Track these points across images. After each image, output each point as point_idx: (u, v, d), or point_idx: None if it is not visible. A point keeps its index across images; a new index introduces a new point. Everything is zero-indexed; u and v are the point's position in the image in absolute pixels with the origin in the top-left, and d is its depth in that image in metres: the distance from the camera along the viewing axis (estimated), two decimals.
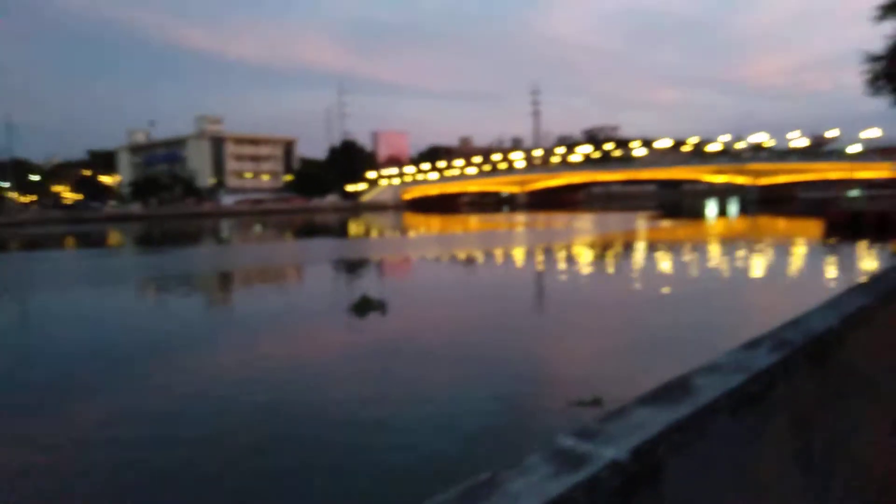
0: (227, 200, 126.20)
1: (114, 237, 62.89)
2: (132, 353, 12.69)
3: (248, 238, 58.17)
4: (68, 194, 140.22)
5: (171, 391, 9.91)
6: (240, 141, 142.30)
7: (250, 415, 8.71)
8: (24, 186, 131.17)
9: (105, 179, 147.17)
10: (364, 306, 16.40)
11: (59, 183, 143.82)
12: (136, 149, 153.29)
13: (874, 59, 18.48)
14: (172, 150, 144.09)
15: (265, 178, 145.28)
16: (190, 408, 9.08)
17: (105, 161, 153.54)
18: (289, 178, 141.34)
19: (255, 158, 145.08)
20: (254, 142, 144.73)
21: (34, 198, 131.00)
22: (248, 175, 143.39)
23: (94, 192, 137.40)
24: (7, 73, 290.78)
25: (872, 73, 18.41)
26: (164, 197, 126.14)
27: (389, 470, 6.87)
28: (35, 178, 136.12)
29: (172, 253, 41.20)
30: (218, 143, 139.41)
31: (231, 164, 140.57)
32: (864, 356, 2.77)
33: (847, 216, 38.61)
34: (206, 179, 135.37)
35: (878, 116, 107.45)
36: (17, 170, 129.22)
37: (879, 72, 18.38)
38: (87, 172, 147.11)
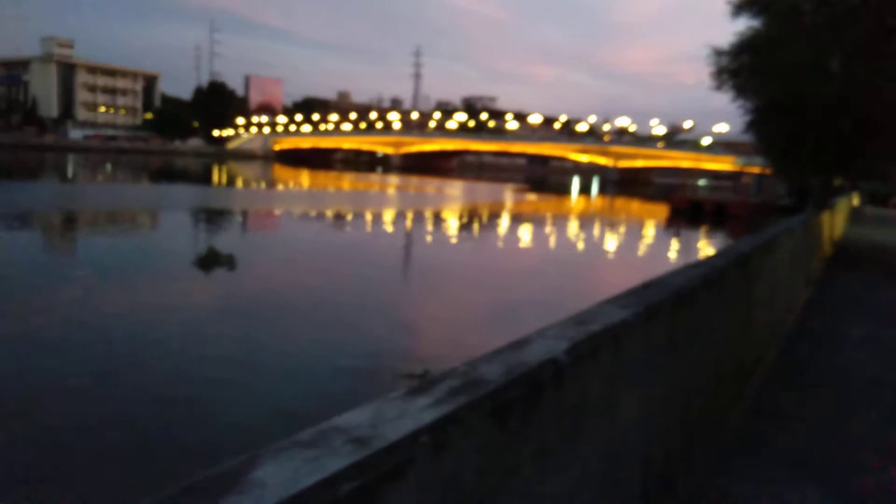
0: (76, 134, 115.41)
1: None
2: None
3: (94, 178, 53.48)
4: None
5: None
6: (93, 70, 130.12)
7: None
8: None
9: None
10: (210, 260, 15.40)
11: None
12: None
13: (719, 53, 19.58)
14: (13, 71, 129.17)
15: (121, 113, 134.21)
16: None
17: None
18: (148, 116, 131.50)
19: (111, 91, 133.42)
20: (110, 72, 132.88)
21: None
22: (102, 109, 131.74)
23: None
24: None
25: (717, 67, 19.54)
26: None
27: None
28: None
29: (2, 188, 36.94)
30: (67, 69, 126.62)
31: (82, 95, 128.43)
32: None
33: (688, 203, 41.54)
34: (52, 109, 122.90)
35: (728, 113, 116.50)
36: None
37: (724, 66, 19.53)
38: None
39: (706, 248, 25.67)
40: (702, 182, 58.87)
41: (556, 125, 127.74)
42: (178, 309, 11.33)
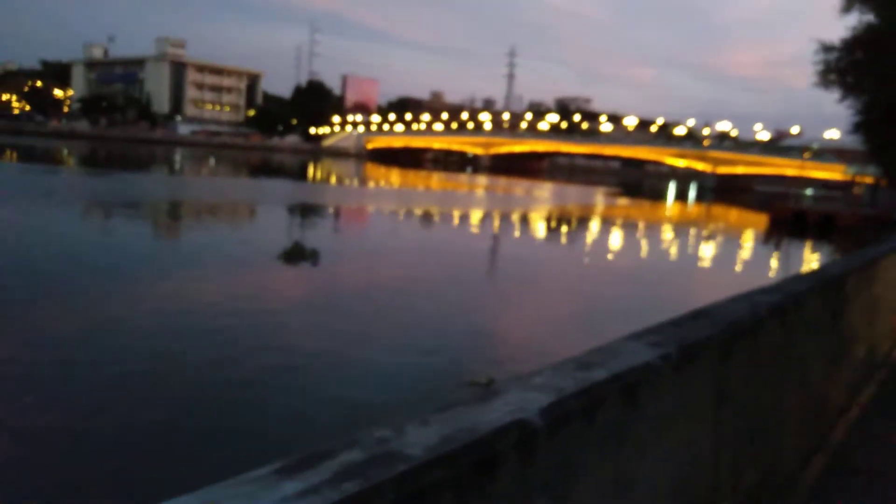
0: (183, 129, 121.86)
1: (55, 155, 59.96)
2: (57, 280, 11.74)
3: (198, 171, 56.18)
4: (16, 104, 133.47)
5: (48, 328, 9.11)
6: (202, 69, 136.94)
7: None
8: None
9: (58, 93, 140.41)
10: (295, 254, 15.71)
11: (8, 91, 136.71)
12: (91, 64, 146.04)
13: (828, 48, 18.13)
14: (130, 70, 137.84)
15: (226, 110, 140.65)
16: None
17: (59, 73, 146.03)
18: (251, 113, 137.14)
19: (217, 89, 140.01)
20: (217, 71, 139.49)
21: None
22: (208, 106, 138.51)
23: (44, 104, 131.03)
24: None
25: (825, 65, 18.09)
26: (115, 118, 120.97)
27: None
28: None
29: (111, 177, 39.36)
30: (179, 68, 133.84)
31: (191, 93, 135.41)
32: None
33: (791, 213, 38.99)
34: (164, 105, 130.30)
35: (840, 118, 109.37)
36: None
37: (832, 63, 18.06)
38: (39, 84, 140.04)
39: (807, 263, 24.03)
40: (808, 191, 55.35)
41: (653, 128, 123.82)
42: (252, 299, 11.50)
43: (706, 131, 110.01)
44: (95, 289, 11.71)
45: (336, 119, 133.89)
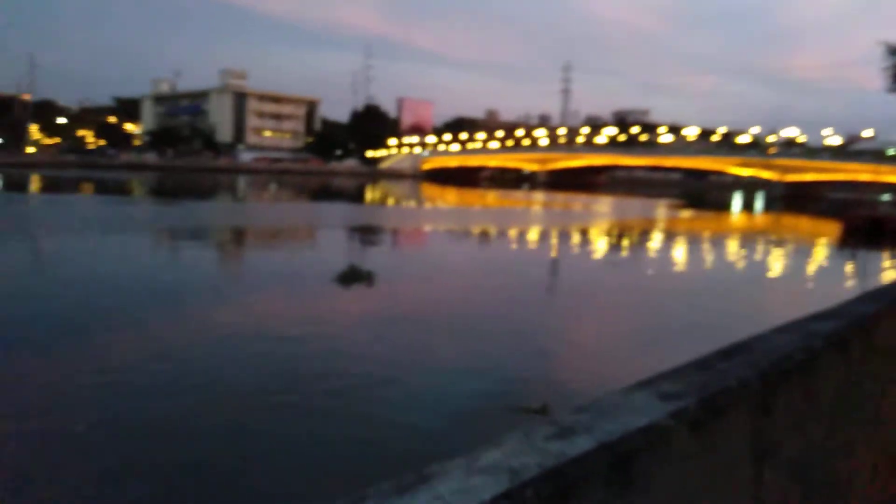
0: (245, 157, 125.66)
1: (125, 186, 62.49)
2: (132, 303, 11.97)
3: (261, 197, 57.54)
4: (92, 139, 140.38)
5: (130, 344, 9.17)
6: (262, 98, 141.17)
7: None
8: (50, 128, 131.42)
9: (129, 127, 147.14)
10: (350, 276, 15.60)
11: (85, 127, 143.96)
12: (159, 98, 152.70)
13: (894, 50, 17.01)
14: (195, 102, 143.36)
15: (286, 137, 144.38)
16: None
17: (130, 109, 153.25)
18: (309, 139, 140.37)
19: (277, 117, 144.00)
20: (276, 100, 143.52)
21: (58, 140, 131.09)
22: (268, 133, 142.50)
23: (117, 138, 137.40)
24: (37, 15, 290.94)
25: (895, 67, 16.97)
26: (182, 149, 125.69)
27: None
28: (62, 120, 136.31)
29: (178, 206, 40.63)
30: (241, 98, 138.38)
31: (252, 121, 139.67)
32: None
33: (865, 221, 36.87)
34: (227, 134, 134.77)
35: None
36: (44, 111, 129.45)
37: None
38: (112, 119, 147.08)
39: (883, 275, 22.57)
40: (885, 197, 52.58)
41: (715, 137, 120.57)
42: (304, 323, 11.39)
43: (772, 138, 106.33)
44: (166, 312, 11.87)
45: (392, 141, 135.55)
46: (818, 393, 2.33)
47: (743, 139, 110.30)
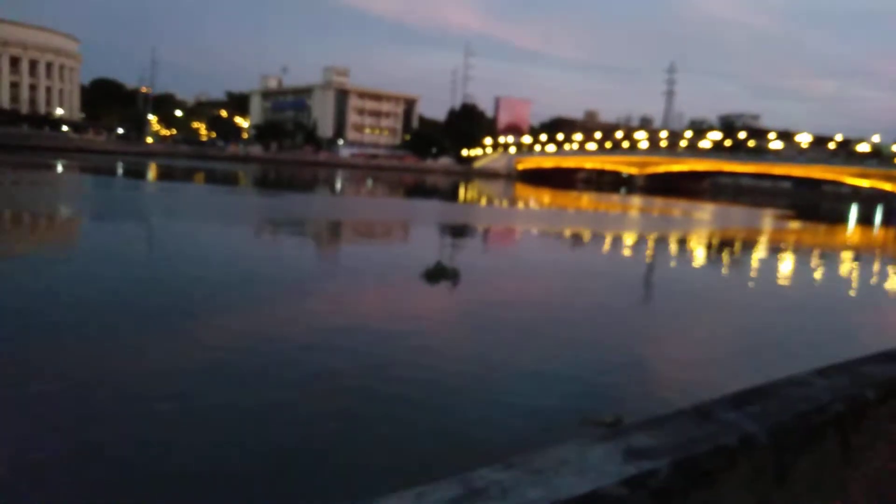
0: (343, 152, 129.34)
1: (232, 177, 65.51)
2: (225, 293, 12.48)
3: (357, 191, 58.87)
4: (204, 131, 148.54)
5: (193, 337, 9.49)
6: (363, 95, 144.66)
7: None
8: (168, 120, 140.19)
9: (238, 120, 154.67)
10: (437, 274, 15.55)
11: (199, 120, 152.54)
12: (267, 94, 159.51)
13: None
14: (300, 97, 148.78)
15: (384, 133, 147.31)
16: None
17: (240, 103, 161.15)
18: (407, 137, 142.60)
19: (376, 114, 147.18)
20: (377, 97, 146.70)
21: (174, 132, 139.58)
22: (368, 130, 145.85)
23: (227, 131, 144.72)
24: (160, 13, 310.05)
25: None
26: (285, 142, 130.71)
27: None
28: (178, 113, 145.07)
29: (280, 197, 42.16)
30: (342, 95, 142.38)
31: (352, 118, 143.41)
32: None
33: None
34: (328, 129, 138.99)
35: None
36: (163, 104, 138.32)
37: None
38: (224, 113, 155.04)
39: None
40: None
41: (831, 145, 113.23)
42: (387, 319, 11.39)
43: (895, 148, 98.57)
44: (261, 300, 12.25)
45: (488, 140, 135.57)
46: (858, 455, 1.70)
47: (862, 147, 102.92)
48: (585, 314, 13.28)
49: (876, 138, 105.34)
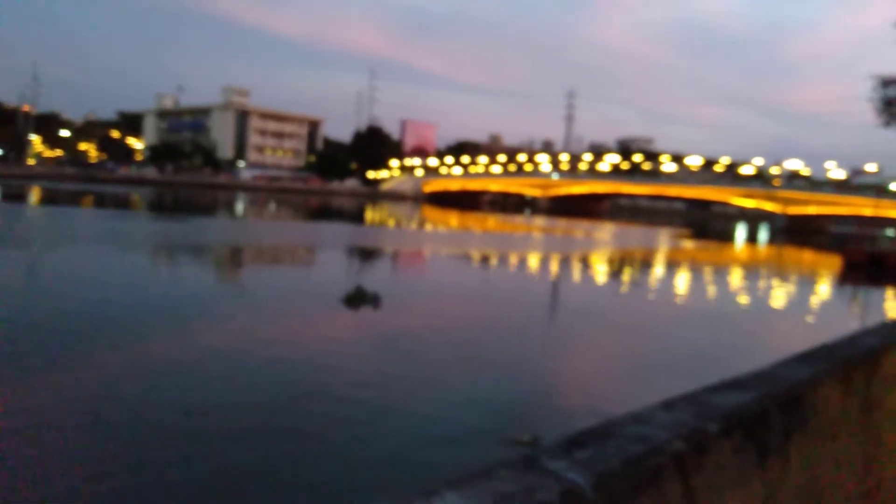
0: (245, 174, 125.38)
1: (123, 201, 61.95)
2: (126, 327, 11.27)
3: (260, 215, 57.01)
4: (94, 153, 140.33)
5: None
6: (265, 116, 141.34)
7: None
8: (53, 141, 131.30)
9: (131, 141, 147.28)
10: (357, 298, 15.05)
11: (88, 141, 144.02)
12: (162, 114, 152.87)
13: (887, 83, 16.56)
14: (198, 118, 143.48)
15: (287, 155, 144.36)
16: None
17: (133, 123, 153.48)
18: (311, 158, 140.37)
19: (279, 135, 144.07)
20: (279, 118, 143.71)
21: (60, 153, 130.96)
22: (270, 151, 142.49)
23: (119, 152, 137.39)
24: (43, 28, 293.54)
25: (884, 99, 16.45)
26: (182, 164, 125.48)
27: None
28: (65, 133, 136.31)
29: (176, 222, 40.03)
30: (243, 115, 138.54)
31: (254, 139, 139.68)
32: None
33: (866, 256, 36.17)
34: (228, 151, 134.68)
35: None
36: (47, 123, 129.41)
37: (893, 98, 16.43)
38: (116, 133, 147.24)
39: (875, 312, 21.96)
40: (890, 232, 52.16)
41: (718, 168, 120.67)
42: (308, 343, 10.82)
43: (775, 170, 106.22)
44: (164, 332, 11.24)
45: (394, 163, 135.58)
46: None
47: (746, 170, 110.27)
48: (498, 335, 13.57)
49: (758, 161, 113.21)
